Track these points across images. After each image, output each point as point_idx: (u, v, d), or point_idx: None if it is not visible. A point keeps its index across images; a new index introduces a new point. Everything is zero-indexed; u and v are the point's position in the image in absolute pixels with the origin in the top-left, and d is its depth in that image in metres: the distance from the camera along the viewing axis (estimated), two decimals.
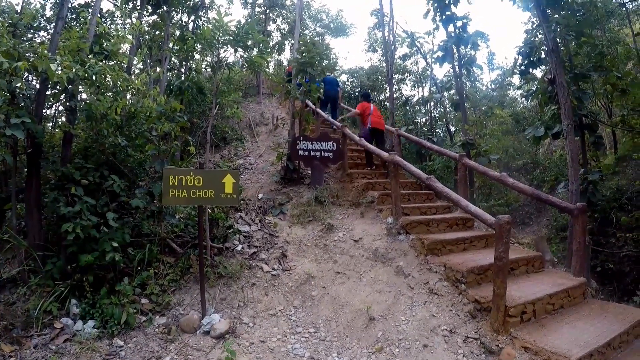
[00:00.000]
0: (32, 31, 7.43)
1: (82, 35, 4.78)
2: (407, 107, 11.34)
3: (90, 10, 4.95)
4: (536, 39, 7.16)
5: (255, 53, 5.28)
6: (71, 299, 4.22)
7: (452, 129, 8.14)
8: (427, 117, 9.69)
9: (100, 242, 4.33)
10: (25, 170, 4.48)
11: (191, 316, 4.41)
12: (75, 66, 4.15)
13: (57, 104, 4.74)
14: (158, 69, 6.89)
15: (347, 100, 12.70)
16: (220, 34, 5.06)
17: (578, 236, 4.84)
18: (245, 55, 5.13)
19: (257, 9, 13.96)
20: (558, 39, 6.04)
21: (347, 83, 13.10)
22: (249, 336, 4.33)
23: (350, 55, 49.35)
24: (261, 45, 5.13)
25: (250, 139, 8.68)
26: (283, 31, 14.49)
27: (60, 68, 3.87)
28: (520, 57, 7.21)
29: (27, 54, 3.86)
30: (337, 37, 19.72)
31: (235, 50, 5.26)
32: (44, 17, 7.98)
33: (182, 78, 6.84)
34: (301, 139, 6.64)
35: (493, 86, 17.50)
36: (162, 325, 4.36)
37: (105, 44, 4.99)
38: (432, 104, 10.11)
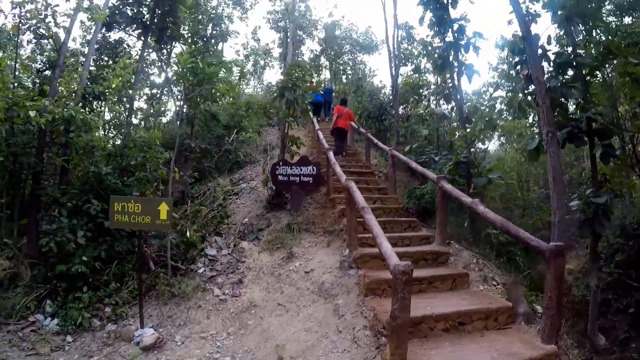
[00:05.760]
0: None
1: (77, 77, 6.40)
2: (407, 123, 10.76)
3: (82, 58, 6.60)
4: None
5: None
6: (47, 300, 5.72)
7: None
8: (430, 133, 9.06)
9: (76, 256, 5.78)
10: None
11: (130, 327, 5.47)
12: (57, 109, 5.68)
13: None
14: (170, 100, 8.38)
15: (366, 119, 12.90)
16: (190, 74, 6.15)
17: (549, 289, 3.93)
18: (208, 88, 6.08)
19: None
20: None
21: (369, 103, 13.39)
22: (171, 353, 5.13)
23: (380, 72, 49.39)
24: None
25: (265, 162, 9.58)
26: (315, 52, 16.15)
27: (41, 113, 5.41)
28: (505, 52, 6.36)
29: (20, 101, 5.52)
30: (370, 54, 21.88)
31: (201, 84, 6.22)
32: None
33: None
34: (280, 163, 7.23)
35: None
36: (111, 332, 5.53)
37: (99, 85, 6.55)
38: (435, 117, 9.39)
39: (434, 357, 3.81)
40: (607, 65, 7.21)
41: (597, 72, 6.94)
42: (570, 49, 5.91)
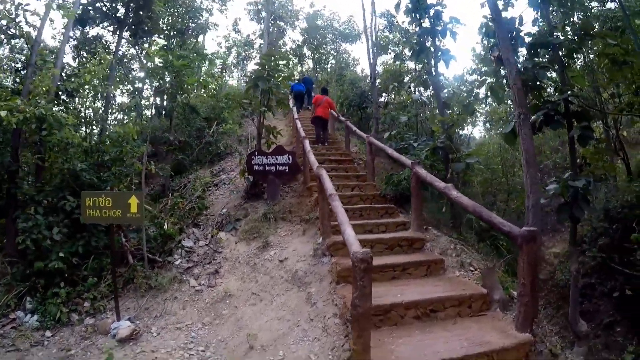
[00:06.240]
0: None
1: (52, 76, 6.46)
2: (386, 110, 10.72)
3: (53, 55, 6.65)
4: None
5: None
6: (27, 297, 5.86)
7: None
8: (410, 120, 9.03)
9: (53, 252, 5.89)
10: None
11: (106, 320, 5.59)
12: (28, 108, 5.74)
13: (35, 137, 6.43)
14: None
15: (347, 108, 12.91)
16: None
17: (522, 275, 3.89)
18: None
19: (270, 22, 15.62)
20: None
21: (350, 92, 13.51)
22: (145, 344, 5.24)
23: (362, 60, 50.24)
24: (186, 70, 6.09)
25: (245, 152, 9.64)
26: (298, 42, 16.44)
27: (11, 112, 5.48)
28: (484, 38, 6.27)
29: None
30: (352, 43, 22.50)
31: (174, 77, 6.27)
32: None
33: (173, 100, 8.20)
34: (256, 153, 7.30)
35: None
36: (89, 326, 5.66)
37: (71, 82, 6.61)
38: (415, 104, 9.37)
39: (401, 346, 3.78)
40: (587, 49, 7.09)
41: (576, 55, 6.82)
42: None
